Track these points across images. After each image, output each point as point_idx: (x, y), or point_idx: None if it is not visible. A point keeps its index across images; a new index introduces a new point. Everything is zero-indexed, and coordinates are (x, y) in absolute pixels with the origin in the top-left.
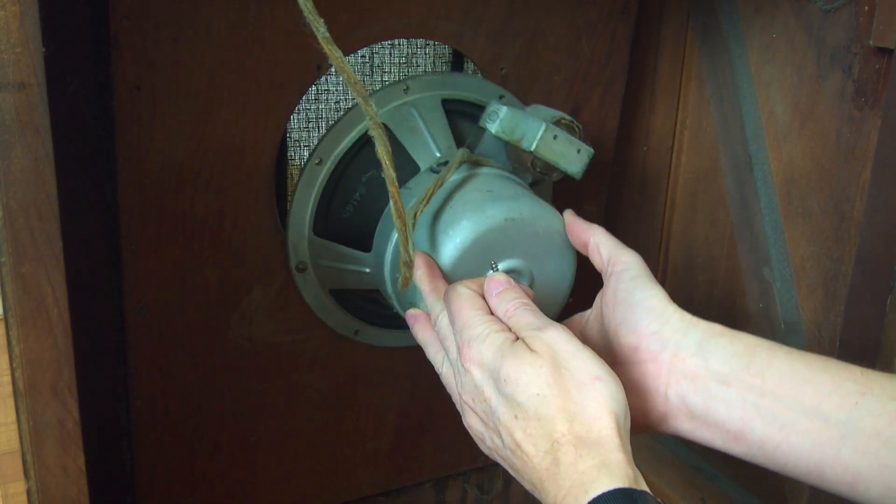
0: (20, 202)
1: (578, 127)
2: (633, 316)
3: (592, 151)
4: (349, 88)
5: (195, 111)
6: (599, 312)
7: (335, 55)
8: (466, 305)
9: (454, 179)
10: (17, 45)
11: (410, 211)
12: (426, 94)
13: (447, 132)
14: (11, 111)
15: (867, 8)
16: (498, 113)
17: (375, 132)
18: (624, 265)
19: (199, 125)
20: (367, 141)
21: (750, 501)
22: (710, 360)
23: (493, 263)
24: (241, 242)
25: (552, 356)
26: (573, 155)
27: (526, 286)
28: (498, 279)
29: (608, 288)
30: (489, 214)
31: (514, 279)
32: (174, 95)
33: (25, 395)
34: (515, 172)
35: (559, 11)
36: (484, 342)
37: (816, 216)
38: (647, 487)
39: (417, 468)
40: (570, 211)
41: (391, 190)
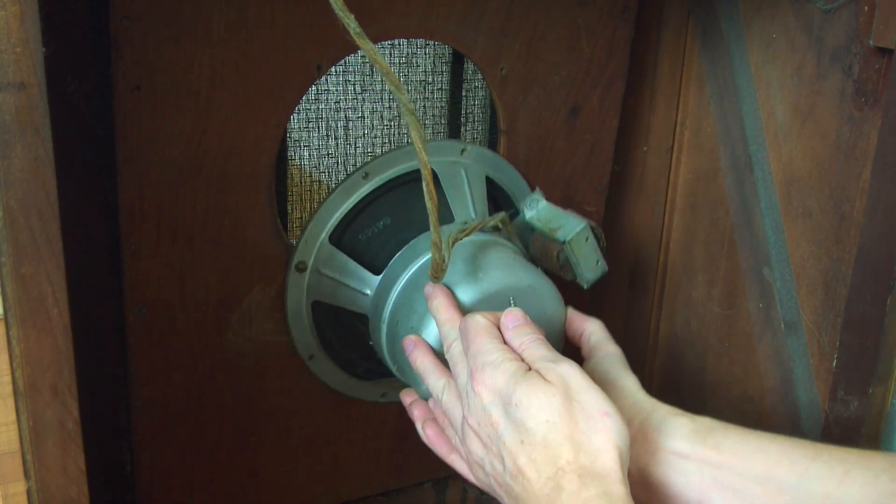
0: (20, 202)
1: (602, 238)
2: (606, 391)
3: (607, 269)
4: (384, 78)
5: (195, 111)
6: None
7: (368, 48)
8: (483, 333)
9: (487, 238)
10: (17, 45)
11: (450, 237)
12: (477, 164)
13: (485, 202)
14: (11, 111)
15: (867, 8)
16: (538, 201)
17: (410, 118)
18: (608, 352)
19: (199, 125)
20: (417, 178)
21: None
22: (671, 436)
23: (511, 300)
24: (241, 242)
25: (565, 387)
26: (592, 263)
27: None
28: (515, 314)
29: (587, 365)
30: (519, 275)
31: None
32: (174, 95)
33: (25, 395)
34: (533, 261)
35: (559, 11)
36: (498, 368)
37: (816, 216)
38: None
39: (417, 468)
40: (570, 307)
41: (424, 173)
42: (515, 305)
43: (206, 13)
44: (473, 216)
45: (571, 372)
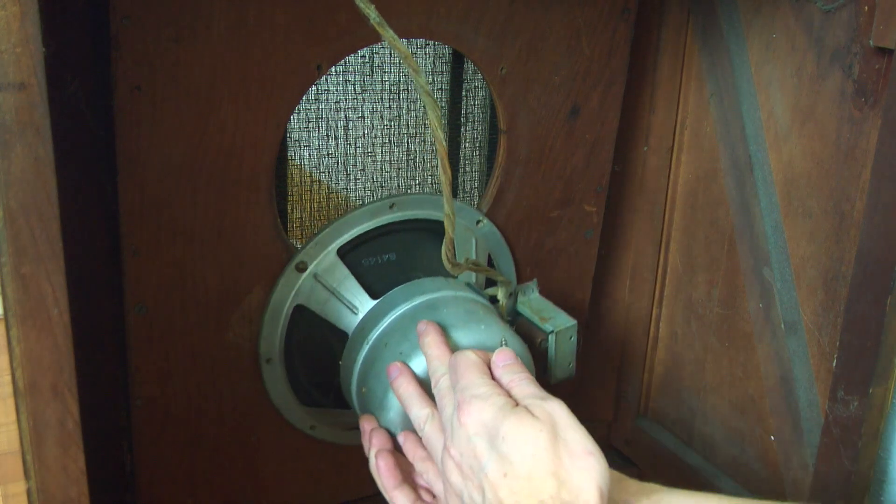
0: (20, 202)
1: (581, 343)
2: None
3: (573, 376)
4: (404, 63)
5: (195, 111)
6: None
7: (388, 35)
8: (473, 368)
9: (485, 302)
10: (17, 45)
11: (468, 259)
12: (484, 240)
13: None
14: (11, 111)
15: (867, 8)
16: (533, 291)
17: (427, 99)
18: None
19: (199, 125)
20: (434, 229)
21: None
22: (624, 490)
23: (503, 341)
24: (241, 242)
25: (552, 424)
26: (566, 363)
27: None
28: (507, 353)
29: None
30: (509, 335)
31: None
32: (174, 95)
33: (25, 395)
34: None
35: (559, 11)
36: (486, 401)
37: (816, 216)
38: None
39: None
40: None
41: (439, 149)
42: (506, 344)
43: (206, 13)
44: (472, 280)
45: (559, 409)
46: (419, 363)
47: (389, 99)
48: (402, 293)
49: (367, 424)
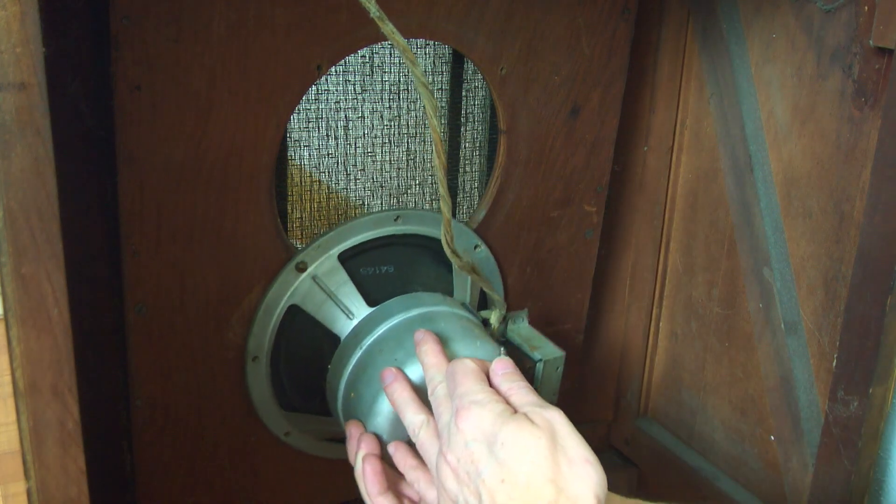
0: (20, 202)
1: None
2: None
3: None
4: (402, 56)
5: (195, 111)
6: None
7: (388, 29)
8: (472, 375)
9: (479, 323)
10: (17, 45)
11: (471, 262)
12: (480, 264)
13: (476, 298)
14: (11, 111)
15: (867, 8)
16: (523, 319)
17: (423, 90)
18: None
19: (199, 125)
20: (435, 248)
21: (750, 501)
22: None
23: (502, 350)
24: (241, 242)
25: (551, 431)
26: (549, 393)
27: None
28: (505, 362)
29: None
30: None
31: None
32: (174, 95)
33: (25, 395)
34: None
35: (559, 11)
36: (485, 407)
37: (816, 216)
38: None
39: None
40: None
41: (434, 137)
42: (504, 353)
43: (206, 13)
44: (467, 300)
45: (558, 418)
46: (414, 371)
47: (389, 99)
48: (399, 303)
49: (354, 429)
